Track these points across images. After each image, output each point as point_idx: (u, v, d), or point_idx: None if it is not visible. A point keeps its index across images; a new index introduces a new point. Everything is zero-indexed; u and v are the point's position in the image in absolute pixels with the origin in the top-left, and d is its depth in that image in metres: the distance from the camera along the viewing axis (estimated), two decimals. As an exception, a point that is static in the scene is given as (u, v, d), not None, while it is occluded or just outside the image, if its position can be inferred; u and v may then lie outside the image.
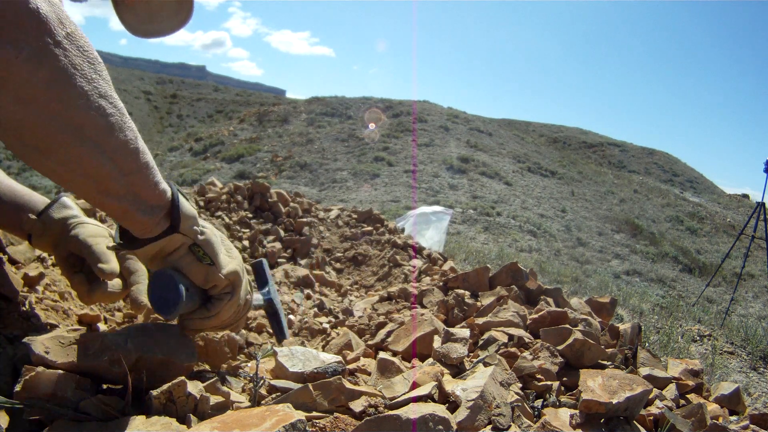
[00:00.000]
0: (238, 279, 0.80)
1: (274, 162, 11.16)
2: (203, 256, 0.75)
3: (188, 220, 0.72)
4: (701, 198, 15.21)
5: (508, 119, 26.80)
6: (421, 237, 3.47)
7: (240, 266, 0.82)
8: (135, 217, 0.67)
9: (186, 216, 0.72)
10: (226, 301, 0.79)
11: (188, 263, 0.75)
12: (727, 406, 1.00)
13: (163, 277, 0.74)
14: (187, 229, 0.72)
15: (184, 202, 0.72)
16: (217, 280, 0.77)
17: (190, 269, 0.75)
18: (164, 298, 0.73)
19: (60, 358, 0.64)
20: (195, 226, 0.75)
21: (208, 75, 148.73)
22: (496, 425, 0.71)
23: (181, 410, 0.65)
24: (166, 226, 0.71)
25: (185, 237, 0.73)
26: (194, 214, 0.75)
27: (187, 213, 0.72)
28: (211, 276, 0.77)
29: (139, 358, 0.68)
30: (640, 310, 3.72)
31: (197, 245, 0.74)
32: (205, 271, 0.76)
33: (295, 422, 0.57)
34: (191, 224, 0.73)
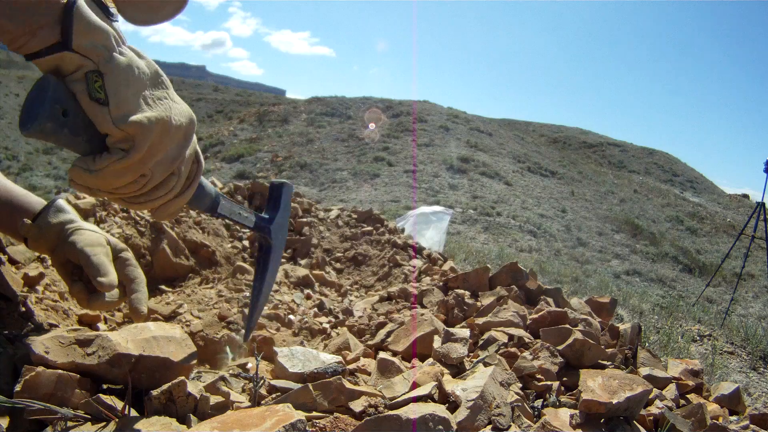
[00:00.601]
0: (142, 137, 0.58)
1: (274, 162, 11.16)
2: (97, 89, 0.56)
3: (91, 35, 0.54)
4: (701, 198, 15.21)
5: (508, 119, 26.80)
6: (421, 237, 3.47)
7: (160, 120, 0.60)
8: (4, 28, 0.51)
9: (87, 30, 0.54)
10: (114, 159, 0.58)
11: (79, 90, 0.56)
12: (727, 406, 1.00)
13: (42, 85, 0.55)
14: (86, 48, 0.54)
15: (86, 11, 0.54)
16: (106, 127, 0.57)
17: (80, 98, 0.57)
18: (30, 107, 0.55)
19: (60, 358, 0.64)
20: (104, 47, 0.56)
21: (208, 75, 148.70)
22: (496, 425, 0.71)
23: (181, 410, 0.65)
24: (52, 41, 0.53)
25: (83, 58, 0.55)
26: (106, 30, 0.57)
27: (90, 26, 0.54)
28: (99, 118, 0.57)
29: (139, 358, 0.68)
30: (640, 310, 3.72)
31: (98, 72, 0.56)
32: (94, 110, 0.57)
33: (295, 422, 0.57)
34: (97, 43, 0.55)
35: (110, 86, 0.56)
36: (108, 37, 0.57)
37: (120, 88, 0.57)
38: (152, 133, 0.59)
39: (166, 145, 0.62)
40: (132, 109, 0.58)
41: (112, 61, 0.57)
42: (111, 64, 0.56)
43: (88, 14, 0.54)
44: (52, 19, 0.52)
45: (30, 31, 0.52)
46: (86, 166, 0.58)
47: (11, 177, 0.97)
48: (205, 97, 34.39)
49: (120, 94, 0.57)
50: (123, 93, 0.57)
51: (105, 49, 0.56)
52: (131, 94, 0.58)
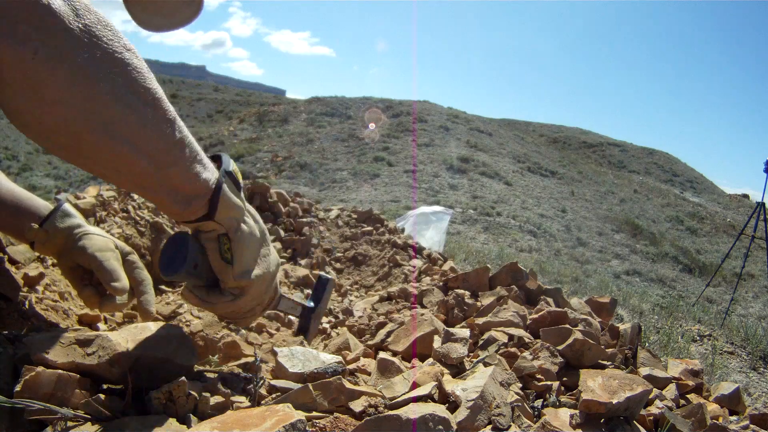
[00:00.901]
0: (250, 288, 0.77)
1: (274, 162, 11.16)
2: (225, 251, 0.72)
3: (228, 211, 0.70)
4: (701, 198, 15.21)
5: (508, 119, 26.80)
6: (421, 237, 3.47)
7: (264, 274, 0.78)
8: (170, 208, 0.66)
9: (226, 207, 0.70)
10: (226, 301, 0.76)
11: (211, 249, 0.73)
12: (727, 406, 1.00)
13: (180, 241, 0.73)
14: (223, 220, 0.70)
15: (228, 193, 0.70)
16: (226, 279, 0.74)
17: (211, 255, 0.73)
18: (170, 257, 0.72)
19: (60, 358, 0.64)
20: (235, 219, 0.72)
21: (208, 75, 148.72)
22: (496, 425, 0.71)
23: (181, 410, 0.65)
24: (202, 213, 0.69)
25: (219, 225, 0.71)
26: (239, 206, 0.72)
27: (228, 204, 0.70)
28: (223, 272, 0.74)
29: (138, 358, 0.68)
30: (640, 310, 3.72)
31: (227, 237, 0.72)
32: (220, 265, 0.74)
33: (295, 422, 0.57)
34: (231, 216, 0.71)
35: (236, 250, 0.72)
36: (239, 211, 0.73)
37: (242, 252, 0.73)
38: (256, 287, 0.78)
39: (262, 289, 0.80)
40: (248, 267, 0.75)
41: (240, 231, 0.73)
42: (238, 234, 0.72)
43: (228, 196, 0.70)
44: (206, 200, 0.68)
45: (192, 211, 0.68)
46: (200, 296, 0.75)
47: (11, 177, 0.97)
48: (205, 97, 34.38)
49: (242, 257, 0.73)
50: (244, 256, 0.74)
51: (235, 221, 0.72)
52: (249, 256, 0.75)
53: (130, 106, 0.55)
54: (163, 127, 0.59)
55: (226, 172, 0.71)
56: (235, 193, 0.72)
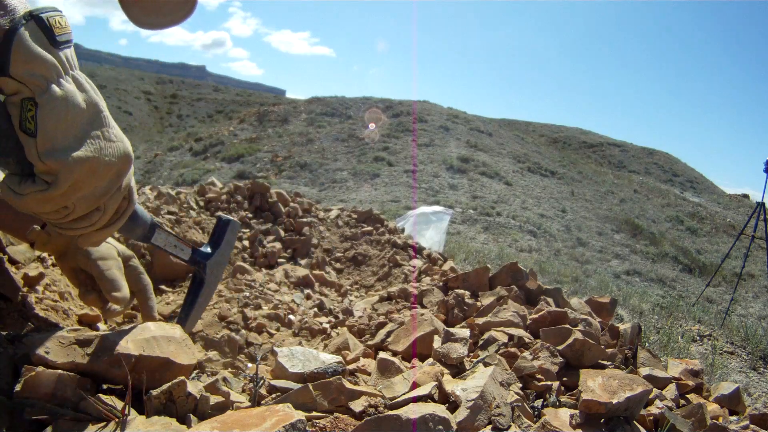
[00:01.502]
0: (66, 173, 0.59)
1: (274, 162, 11.16)
2: (28, 119, 0.56)
3: (29, 64, 0.55)
4: (701, 198, 15.21)
5: (508, 119, 26.80)
6: (421, 237, 3.47)
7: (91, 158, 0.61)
8: None
9: (25, 58, 0.55)
10: (37, 190, 0.59)
11: (14, 117, 0.58)
12: (727, 406, 1.00)
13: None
14: (24, 77, 0.55)
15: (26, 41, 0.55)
16: (31, 158, 0.58)
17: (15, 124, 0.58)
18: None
19: (60, 358, 0.64)
20: (43, 77, 0.56)
21: (208, 75, 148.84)
22: (496, 425, 0.71)
23: (181, 410, 0.65)
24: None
25: (21, 85, 0.56)
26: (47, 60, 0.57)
27: (28, 55, 0.55)
28: (26, 148, 0.58)
29: (138, 358, 0.68)
30: (640, 310, 3.72)
31: (32, 102, 0.56)
32: (23, 139, 0.58)
33: (295, 422, 0.57)
34: (35, 72, 0.56)
35: (41, 118, 0.56)
36: (48, 67, 0.57)
37: (50, 121, 0.57)
38: (76, 172, 0.60)
39: (92, 183, 0.63)
40: (59, 144, 0.58)
41: (48, 93, 0.56)
42: (46, 96, 0.56)
43: (27, 43, 0.54)
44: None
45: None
46: (12, 187, 0.59)
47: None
48: (205, 97, 34.38)
49: (49, 128, 0.57)
50: (52, 127, 0.57)
51: (43, 79, 0.56)
52: (61, 129, 0.58)
53: None
54: None
55: (32, 15, 0.56)
56: (46, 47, 0.57)
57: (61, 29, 0.59)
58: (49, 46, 0.57)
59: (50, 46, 0.57)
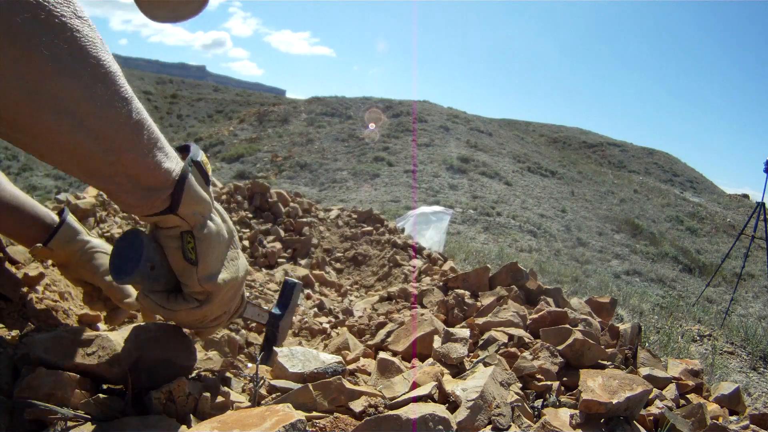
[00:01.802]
0: (217, 293, 0.69)
1: (274, 162, 11.16)
2: (189, 250, 0.65)
3: (194, 205, 0.63)
4: (701, 198, 15.21)
5: (508, 119, 26.80)
6: (421, 237, 3.47)
7: (232, 279, 0.71)
8: (126, 200, 0.59)
9: (192, 200, 0.62)
10: (190, 308, 0.68)
11: (172, 248, 0.65)
12: (727, 406, 1.00)
13: (133, 238, 0.64)
14: (187, 215, 0.63)
15: (194, 185, 0.63)
16: (191, 283, 0.66)
17: (171, 254, 0.66)
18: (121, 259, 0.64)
19: (59, 358, 0.64)
20: (201, 215, 0.65)
21: (208, 75, 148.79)
22: (496, 425, 0.71)
23: (181, 410, 0.65)
24: (163, 207, 0.61)
25: (182, 221, 0.63)
26: (205, 200, 0.65)
27: (194, 197, 0.63)
28: (186, 274, 0.66)
29: (138, 358, 0.68)
30: (640, 310, 3.72)
31: (191, 235, 0.64)
32: (183, 266, 0.66)
33: (295, 422, 0.57)
34: (196, 211, 0.64)
35: (201, 250, 0.64)
36: (206, 206, 0.65)
37: (208, 252, 0.65)
38: (223, 291, 0.70)
39: (229, 295, 0.73)
40: (214, 270, 0.67)
41: (205, 228, 0.65)
42: (204, 231, 0.65)
43: (194, 188, 0.63)
44: (167, 192, 0.60)
45: (152, 204, 0.60)
46: (160, 303, 0.67)
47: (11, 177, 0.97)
48: (205, 97, 34.38)
49: (207, 258, 0.66)
50: (210, 257, 0.66)
51: (201, 217, 0.65)
52: (214, 257, 0.67)
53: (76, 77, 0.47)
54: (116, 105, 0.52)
55: (193, 161, 0.64)
56: (203, 187, 0.65)
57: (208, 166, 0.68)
58: (204, 185, 0.66)
59: (205, 185, 0.66)
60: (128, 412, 0.63)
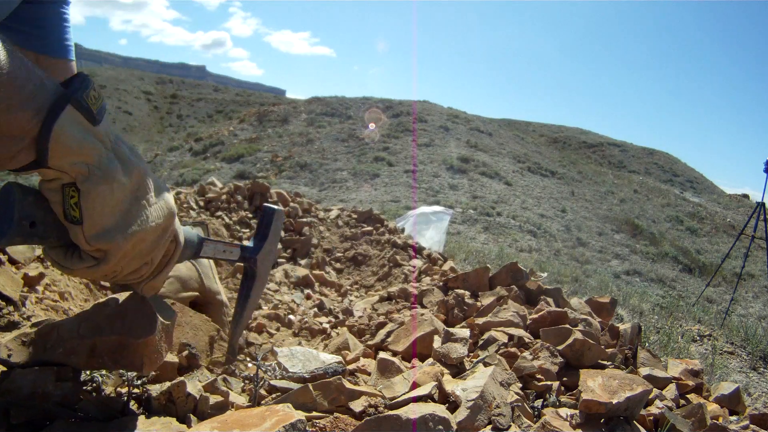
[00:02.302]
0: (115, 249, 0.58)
1: (274, 162, 11.16)
2: (72, 206, 0.54)
3: (70, 155, 0.52)
4: (701, 198, 15.20)
5: (508, 119, 26.80)
6: (421, 237, 3.47)
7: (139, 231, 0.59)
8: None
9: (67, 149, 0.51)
10: (86, 267, 0.58)
11: (54, 203, 0.55)
12: (727, 406, 1.00)
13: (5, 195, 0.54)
14: (64, 166, 0.52)
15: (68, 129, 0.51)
16: (79, 242, 0.56)
17: (56, 210, 0.56)
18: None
19: (22, 358, 0.63)
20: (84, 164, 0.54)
21: (208, 75, 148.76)
22: (496, 425, 0.71)
23: (180, 410, 0.65)
24: (29, 160, 0.51)
25: (60, 173, 0.53)
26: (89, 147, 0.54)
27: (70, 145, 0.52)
28: (72, 233, 0.56)
29: (94, 343, 0.64)
30: (640, 310, 3.72)
31: (74, 188, 0.54)
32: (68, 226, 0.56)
33: (295, 422, 0.57)
34: (74, 160, 0.53)
35: (86, 205, 0.54)
36: (89, 152, 0.54)
37: (95, 207, 0.55)
38: (124, 248, 0.58)
39: (138, 250, 0.61)
40: (107, 226, 0.56)
41: (90, 180, 0.54)
42: (89, 183, 0.54)
43: (67, 135, 0.51)
44: (28, 143, 0.49)
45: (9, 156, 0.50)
46: (58, 260, 0.58)
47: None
48: (205, 97, 34.36)
49: (95, 213, 0.55)
50: (98, 212, 0.55)
51: (84, 166, 0.54)
52: (107, 212, 0.56)
53: None
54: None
55: (70, 97, 0.52)
56: (86, 127, 0.54)
57: (96, 101, 0.56)
58: (89, 125, 0.54)
59: (90, 125, 0.54)
60: (128, 411, 0.63)
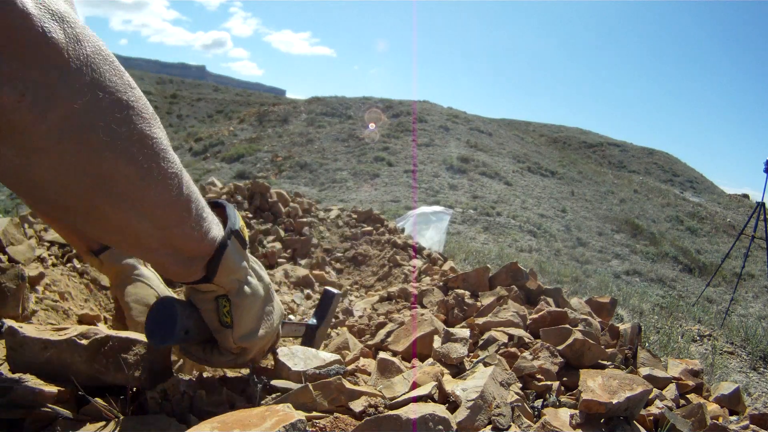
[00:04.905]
0: (252, 347, 0.71)
1: (274, 162, 11.16)
2: (225, 314, 0.66)
3: (229, 274, 0.63)
4: (701, 198, 15.21)
5: (508, 119, 26.81)
6: (421, 237, 3.47)
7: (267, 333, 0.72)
8: (169, 268, 0.59)
9: (228, 270, 0.63)
10: (227, 360, 0.70)
11: (207, 310, 0.66)
12: (727, 406, 1.00)
13: (168, 308, 0.65)
14: (223, 281, 0.64)
15: (231, 256, 0.63)
16: (226, 343, 0.68)
17: (207, 316, 0.67)
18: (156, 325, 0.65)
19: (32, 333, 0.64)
20: (237, 280, 0.65)
21: (208, 75, 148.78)
22: (496, 425, 0.71)
23: (177, 408, 0.65)
24: (201, 276, 0.62)
25: (218, 287, 0.64)
26: (242, 267, 0.66)
27: (231, 267, 0.63)
28: (221, 336, 0.67)
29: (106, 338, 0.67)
30: (640, 310, 3.72)
31: (226, 299, 0.65)
32: (218, 329, 0.67)
33: (295, 422, 0.57)
34: (232, 278, 0.64)
35: (236, 314, 0.66)
36: (242, 272, 0.66)
37: (244, 315, 0.67)
38: (259, 346, 0.72)
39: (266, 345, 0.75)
40: (249, 329, 0.68)
41: (241, 294, 0.65)
42: (239, 296, 0.65)
43: (232, 259, 0.63)
44: (203, 265, 0.61)
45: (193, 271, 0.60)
46: (198, 355, 0.70)
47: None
48: (205, 97, 34.38)
49: (243, 320, 0.67)
50: (246, 319, 0.67)
51: (237, 282, 0.65)
52: (250, 319, 0.68)
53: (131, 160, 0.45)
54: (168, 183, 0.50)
55: (232, 231, 0.64)
56: (240, 253, 0.66)
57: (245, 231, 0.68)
58: (242, 251, 0.66)
59: (243, 250, 0.66)
60: (128, 412, 0.63)
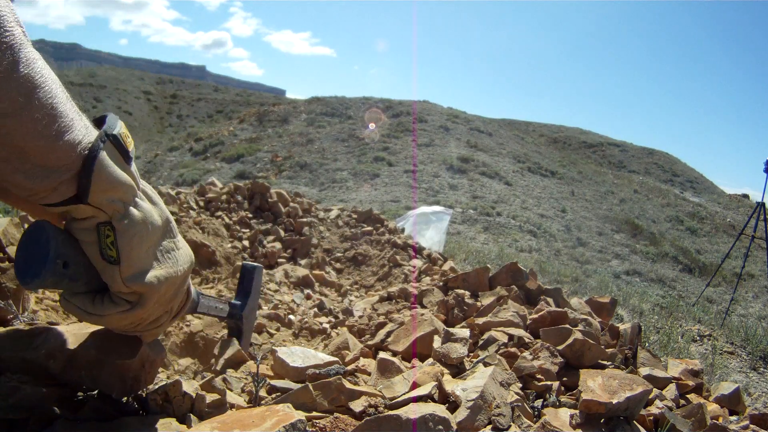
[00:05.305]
0: (150, 292, 0.57)
1: (274, 162, 11.16)
2: (108, 246, 0.53)
3: (109, 191, 0.52)
4: (701, 198, 15.20)
5: (508, 119, 26.80)
6: (421, 237, 3.47)
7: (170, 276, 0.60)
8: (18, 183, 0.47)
9: (106, 184, 0.51)
10: (120, 312, 0.57)
11: (88, 243, 0.54)
12: (727, 406, 1.00)
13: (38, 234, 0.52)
14: (102, 203, 0.51)
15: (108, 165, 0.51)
16: (115, 284, 0.55)
17: (88, 250, 0.54)
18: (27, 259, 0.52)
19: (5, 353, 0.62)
20: (120, 201, 0.53)
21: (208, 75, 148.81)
22: (496, 425, 0.71)
23: (177, 409, 0.65)
24: (69, 194, 0.50)
25: (97, 210, 0.52)
26: (126, 182, 0.53)
27: (110, 180, 0.51)
28: (108, 274, 0.55)
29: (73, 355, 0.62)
30: (640, 310, 3.72)
31: (110, 227, 0.53)
32: (102, 265, 0.54)
33: (295, 422, 0.57)
34: (113, 197, 0.52)
35: (123, 244, 0.53)
36: (126, 189, 0.54)
37: (132, 246, 0.54)
38: (160, 291, 0.59)
39: (168, 294, 0.62)
40: (143, 267, 0.56)
41: (128, 217, 0.54)
42: (126, 220, 0.53)
43: (108, 170, 0.51)
44: (71, 175, 0.49)
45: (51, 188, 0.48)
46: (84, 308, 0.55)
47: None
48: (205, 97, 34.38)
49: (132, 253, 0.54)
50: (135, 251, 0.55)
51: (121, 204, 0.53)
52: (143, 252, 0.56)
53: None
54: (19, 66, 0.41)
55: (108, 135, 0.52)
56: (122, 166, 0.53)
57: (129, 140, 0.56)
58: (124, 164, 0.54)
59: (125, 163, 0.54)
60: (127, 412, 0.63)
